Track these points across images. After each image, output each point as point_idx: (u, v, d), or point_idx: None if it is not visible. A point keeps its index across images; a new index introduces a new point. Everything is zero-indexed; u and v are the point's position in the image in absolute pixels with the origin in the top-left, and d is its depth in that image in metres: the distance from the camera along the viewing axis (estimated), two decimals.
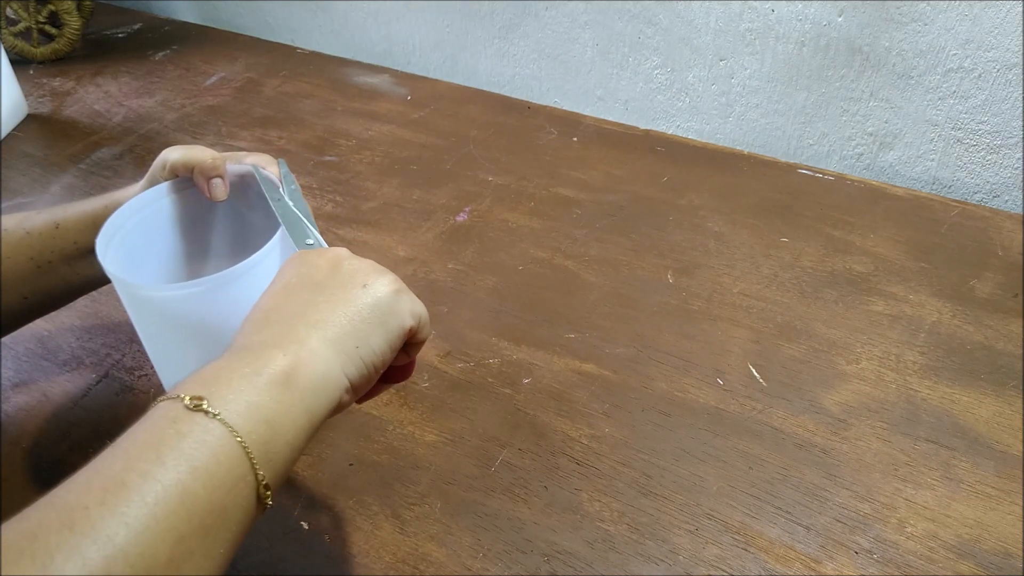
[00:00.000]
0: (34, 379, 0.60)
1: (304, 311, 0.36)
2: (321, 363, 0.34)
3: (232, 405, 0.31)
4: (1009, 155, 0.78)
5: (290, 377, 0.33)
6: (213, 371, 0.33)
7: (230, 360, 0.33)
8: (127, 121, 0.96)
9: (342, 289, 0.37)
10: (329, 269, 0.38)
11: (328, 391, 0.34)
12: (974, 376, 0.58)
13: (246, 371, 0.32)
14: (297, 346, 0.34)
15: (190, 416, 0.30)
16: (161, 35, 1.19)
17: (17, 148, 0.91)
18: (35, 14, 1.08)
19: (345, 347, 0.35)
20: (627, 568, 0.46)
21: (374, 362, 0.36)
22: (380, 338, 0.37)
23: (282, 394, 0.32)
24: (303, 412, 0.33)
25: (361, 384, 0.36)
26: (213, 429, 0.30)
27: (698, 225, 0.74)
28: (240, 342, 0.35)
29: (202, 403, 0.30)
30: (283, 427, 0.32)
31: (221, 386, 0.31)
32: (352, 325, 0.36)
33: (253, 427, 0.31)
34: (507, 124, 0.92)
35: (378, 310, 0.37)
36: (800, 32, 0.82)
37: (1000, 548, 0.46)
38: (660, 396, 0.57)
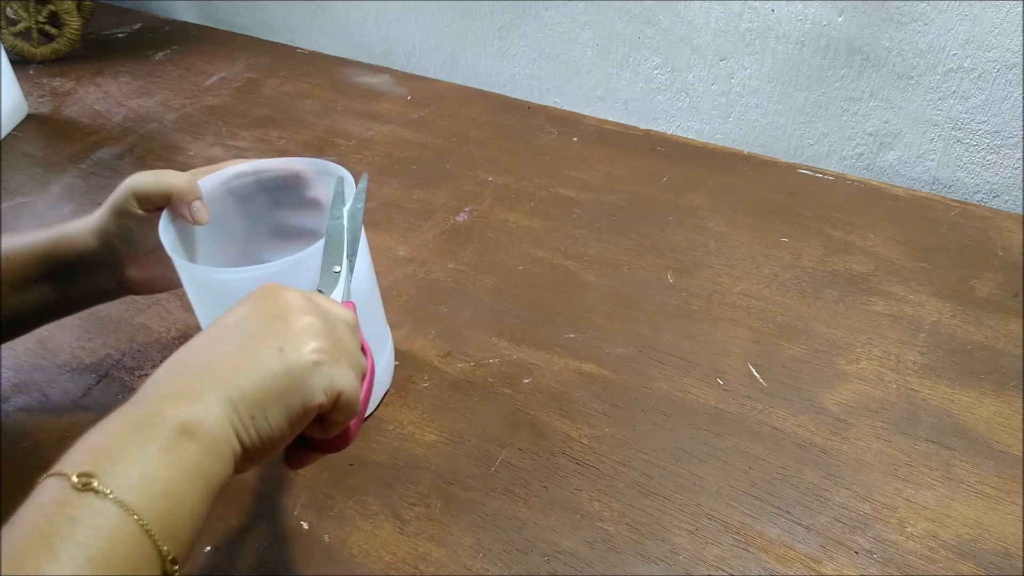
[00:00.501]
0: (34, 379, 0.60)
1: (215, 363, 0.34)
2: (213, 423, 0.32)
3: (124, 480, 0.28)
4: (1009, 155, 0.78)
5: (182, 440, 0.31)
6: (102, 439, 0.30)
7: (121, 422, 0.31)
8: (127, 121, 0.96)
9: (260, 348, 0.34)
10: (267, 317, 0.36)
11: (223, 453, 0.32)
12: (974, 376, 0.58)
13: (137, 438, 0.30)
14: (192, 403, 0.32)
15: (79, 498, 0.27)
16: (161, 35, 1.19)
17: (17, 148, 0.91)
18: (35, 14, 1.08)
19: (240, 413, 0.33)
20: (627, 568, 0.46)
21: (270, 436, 0.33)
22: (278, 412, 0.33)
23: (177, 459, 0.30)
24: (200, 476, 0.31)
25: (254, 455, 0.34)
26: (107, 511, 0.27)
27: (698, 225, 0.74)
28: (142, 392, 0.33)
29: (91, 481, 0.28)
30: (181, 496, 0.30)
31: (112, 458, 0.29)
32: (252, 392, 0.33)
33: (150, 502, 0.28)
34: (507, 124, 0.92)
35: (282, 381, 0.34)
36: (800, 32, 0.82)
37: (1000, 548, 0.46)
38: (660, 396, 0.57)
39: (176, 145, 0.91)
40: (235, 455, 0.33)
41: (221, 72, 1.07)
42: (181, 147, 0.90)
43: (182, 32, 1.20)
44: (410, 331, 0.63)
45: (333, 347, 0.36)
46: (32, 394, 0.58)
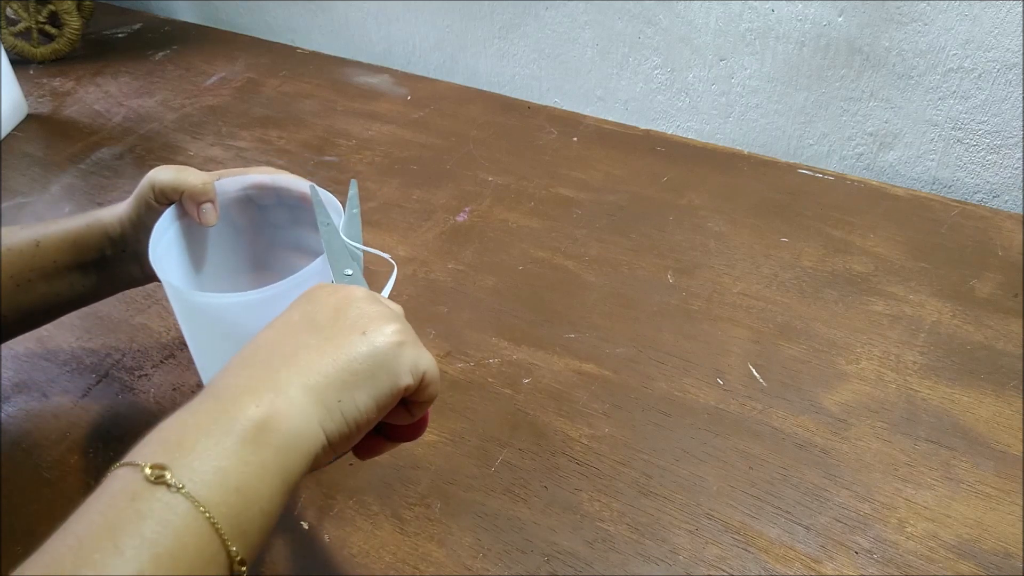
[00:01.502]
0: (34, 379, 0.60)
1: (292, 353, 0.33)
2: (298, 415, 0.31)
3: (198, 474, 0.28)
4: (1009, 155, 0.78)
5: (262, 433, 0.30)
6: (177, 429, 0.30)
7: (198, 413, 0.30)
8: (127, 121, 0.96)
9: (339, 334, 0.34)
10: (334, 310, 0.35)
11: (304, 448, 0.31)
12: (974, 376, 0.58)
13: (214, 429, 0.29)
14: (273, 394, 0.31)
15: (151, 491, 0.27)
16: (161, 35, 1.19)
17: (17, 148, 0.91)
18: (35, 14, 1.08)
19: (326, 399, 0.32)
20: (627, 568, 0.46)
21: (357, 420, 0.33)
22: (366, 394, 0.33)
23: (254, 454, 0.29)
24: (277, 473, 0.30)
25: (340, 443, 0.33)
26: (177, 506, 0.27)
27: (698, 225, 0.74)
28: (218, 383, 0.32)
29: (164, 474, 0.27)
30: (256, 493, 0.29)
31: (185, 451, 0.28)
32: (338, 375, 0.32)
33: (223, 497, 0.28)
34: (507, 124, 0.92)
35: (371, 362, 0.33)
36: (800, 32, 0.82)
37: (1000, 548, 0.46)
38: (660, 396, 0.57)
39: (176, 145, 0.91)
40: (319, 447, 0.32)
41: (221, 72, 1.07)
42: (181, 147, 0.90)
43: (182, 32, 1.20)
44: None
45: (409, 329, 0.36)
46: (32, 394, 0.58)
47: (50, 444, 0.54)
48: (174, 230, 0.50)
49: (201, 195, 0.49)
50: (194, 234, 0.51)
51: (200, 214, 0.49)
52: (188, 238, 0.51)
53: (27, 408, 0.57)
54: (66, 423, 0.56)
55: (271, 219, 0.54)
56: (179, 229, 0.50)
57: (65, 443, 0.54)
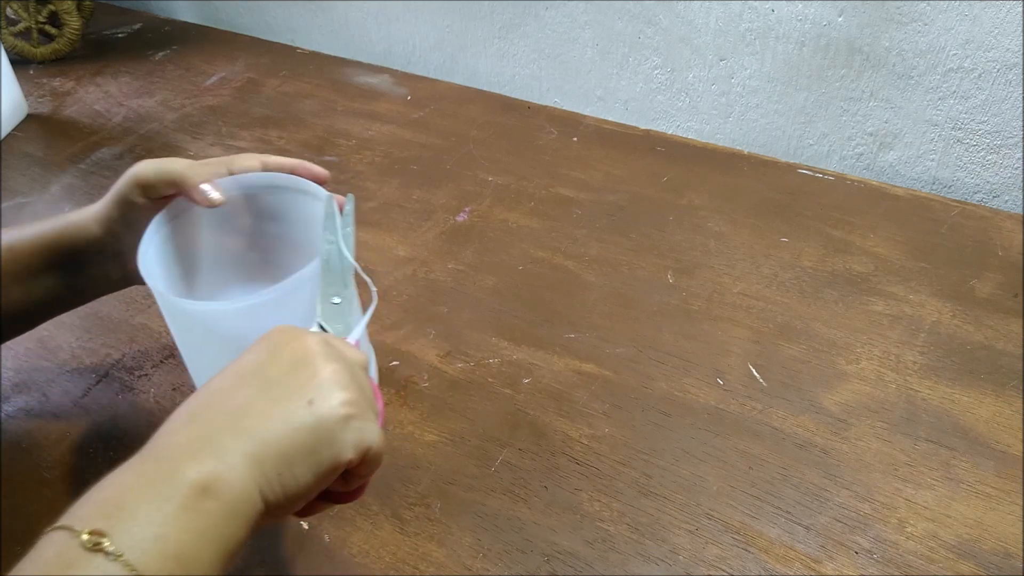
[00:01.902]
0: (34, 379, 0.60)
1: (236, 415, 0.32)
2: (238, 481, 0.30)
3: (137, 541, 0.27)
4: (1009, 155, 0.78)
5: (202, 499, 0.29)
6: (116, 492, 0.29)
7: (138, 475, 0.30)
8: (127, 121, 0.96)
9: (286, 398, 0.33)
10: (288, 366, 0.34)
11: (243, 514, 0.31)
12: (974, 376, 0.58)
13: (153, 495, 0.29)
14: (215, 460, 0.30)
15: (88, 559, 0.26)
16: (161, 35, 1.19)
17: (17, 148, 0.91)
18: (35, 14, 1.08)
19: (266, 469, 0.31)
20: (627, 568, 0.46)
21: (296, 492, 0.32)
22: (306, 469, 0.32)
23: (193, 521, 0.29)
24: (216, 539, 0.30)
25: (279, 511, 0.33)
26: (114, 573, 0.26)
27: (698, 225, 0.74)
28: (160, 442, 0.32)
29: (102, 541, 0.27)
30: (195, 560, 0.29)
31: (125, 516, 0.28)
32: (279, 446, 0.32)
33: (161, 565, 0.27)
34: (507, 124, 0.92)
35: (313, 436, 0.33)
36: (800, 32, 0.82)
37: (1000, 548, 0.46)
38: (660, 396, 0.57)
39: (176, 145, 0.91)
40: (257, 513, 0.31)
41: (221, 72, 1.07)
42: (181, 147, 0.90)
43: (182, 32, 1.20)
44: (410, 331, 0.63)
45: (360, 398, 0.35)
46: (32, 394, 0.58)
47: (50, 444, 0.54)
48: (163, 234, 0.49)
49: (192, 178, 0.47)
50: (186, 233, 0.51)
51: (203, 195, 0.47)
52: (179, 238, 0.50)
53: (27, 408, 0.57)
54: (66, 423, 0.56)
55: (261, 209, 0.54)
56: (169, 232, 0.49)
57: (65, 443, 0.54)
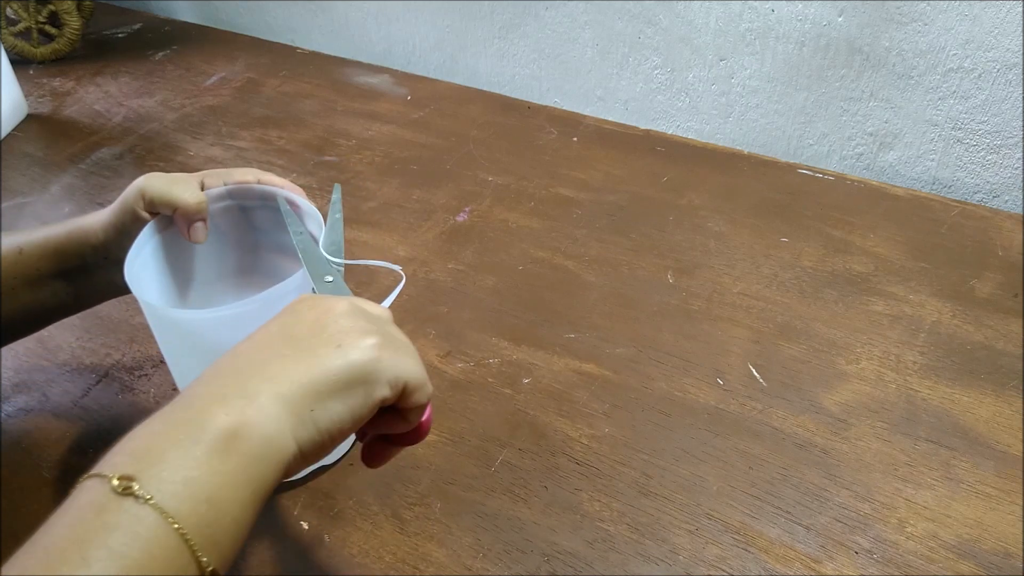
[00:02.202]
0: (34, 379, 0.60)
1: (266, 363, 0.33)
2: (269, 423, 0.31)
3: (167, 484, 0.27)
4: (1009, 155, 0.78)
5: (232, 441, 0.29)
6: (146, 438, 0.29)
7: (167, 421, 0.30)
8: (127, 121, 0.96)
9: (315, 347, 0.34)
10: (312, 323, 0.35)
11: (275, 457, 0.31)
12: (974, 376, 0.58)
13: (183, 438, 0.29)
14: (244, 402, 0.30)
15: (118, 503, 0.26)
16: (161, 35, 1.19)
17: (17, 148, 0.91)
18: (35, 14, 1.08)
19: (298, 408, 0.32)
20: (627, 568, 0.46)
21: (329, 430, 0.32)
22: (341, 405, 0.33)
23: (224, 463, 0.29)
24: (248, 483, 0.29)
25: (312, 452, 0.32)
26: (145, 517, 0.26)
27: (698, 225, 0.74)
28: (189, 392, 0.32)
29: (132, 485, 0.27)
30: (226, 503, 0.28)
31: (154, 460, 0.28)
32: (311, 385, 0.32)
33: (192, 508, 0.27)
34: (507, 124, 0.92)
35: (345, 375, 0.33)
36: (800, 32, 0.82)
37: (1000, 548, 0.46)
38: (660, 396, 0.57)
39: (176, 145, 0.91)
40: (290, 456, 0.31)
41: (221, 72, 1.07)
42: (181, 147, 0.90)
43: (182, 32, 1.20)
44: (410, 331, 0.63)
45: (388, 341, 0.35)
46: (32, 394, 0.58)
47: (50, 444, 0.54)
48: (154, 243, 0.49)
49: (195, 214, 0.48)
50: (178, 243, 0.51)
51: (191, 232, 0.48)
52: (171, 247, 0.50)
53: (27, 408, 0.57)
54: (66, 423, 0.56)
55: (255, 222, 0.54)
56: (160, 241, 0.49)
57: (65, 443, 0.54)
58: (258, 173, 0.52)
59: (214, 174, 0.51)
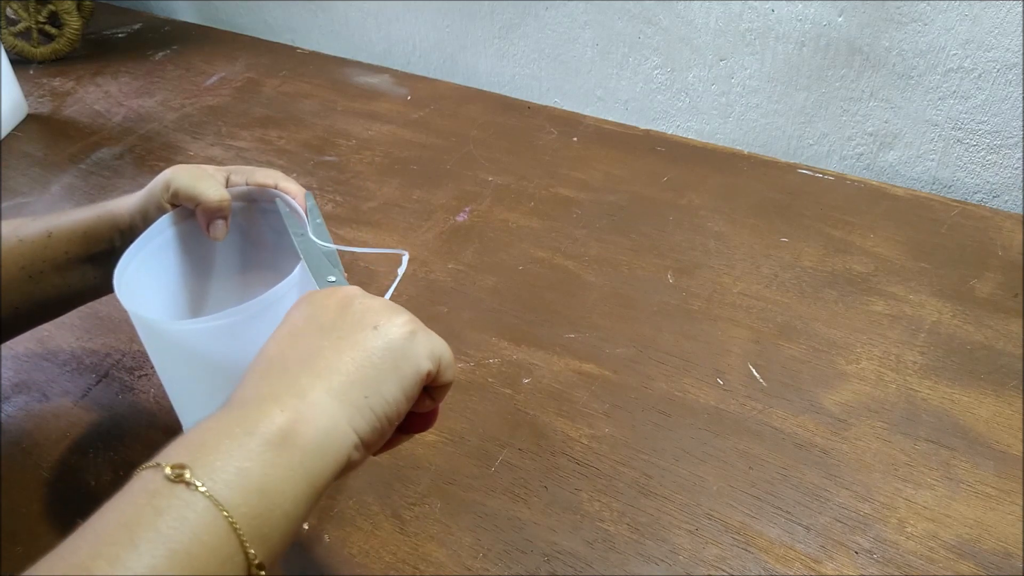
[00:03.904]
0: (34, 379, 0.60)
1: (308, 359, 0.33)
2: (325, 418, 0.31)
3: (219, 473, 0.27)
4: (1009, 155, 0.78)
5: (289, 436, 0.29)
6: (201, 433, 0.29)
7: (221, 419, 0.30)
8: (127, 121, 0.96)
9: (351, 332, 0.34)
10: (338, 310, 0.35)
11: (334, 450, 0.31)
12: (974, 376, 0.58)
13: (237, 431, 0.29)
14: (297, 400, 0.31)
15: (170, 489, 0.27)
16: (161, 35, 1.19)
17: (17, 148, 0.91)
18: (35, 14, 1.08)
19: (353, 398, 0.32)
20: (627, 568, 0.46)
21: (387, 413, 0.33)
22: (393, 385, 0.33)
23: (279, 456, 0.29)
24: (303, 477, 0.29)
25: (373, 439, 0.33)
26: (195, 504, 0.26)
27: (698, 225, 0.74)
28: (236, 396, 0.32)
29: (184, 473, 0.27)
30: (280, 496, 0.28)
31: (208, 451, 0.28)
32: (361, 372, 0.32)
33: (243, 498, 0.27)
34: (507, 124, 0.92)
35: (390, 354, 0.33)
36: (800, 32, 0.82)
37: (1000, 548, 0.46)
38: (660, 396, 0.57)
39: (176, 145, 0.91)
40: (350, 446, 0.31)
41: (221, 72, 1.07)
42: (181, 147, 0.90)
43: (182, 32, 1.20)
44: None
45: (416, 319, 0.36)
46: (32, 394, 0.58)
47: (50, 444, 0.54)
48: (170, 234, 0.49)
49: (216, 211, 0.48)
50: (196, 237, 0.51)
51: (211, 229, 0.48)
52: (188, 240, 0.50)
53: (27, 408, 0.57)
54: (66, 423, 0.56)
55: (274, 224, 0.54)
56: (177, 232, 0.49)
57: (65, 443, 0.54)
58: (279, 177, 0.52)
59: (240, 171, 0.51)
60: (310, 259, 0.45)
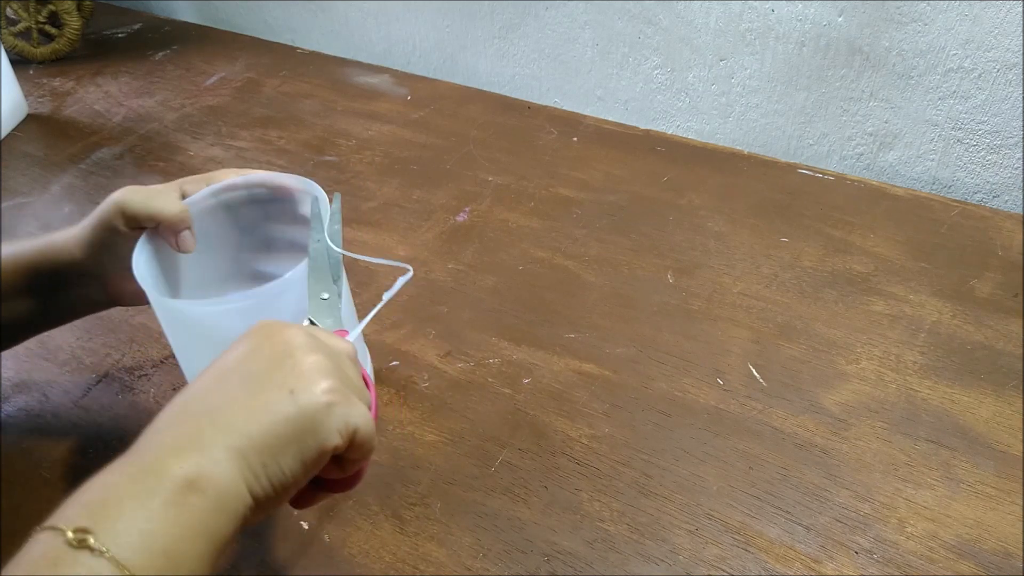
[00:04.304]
0: (34, 379, 0.60)
1: (219, 409, 0.32)
2: (223, 476, 0.30)
3: (123, 537, 0.27)
4: (1009, 155, 0.78)
5: (188, 494, 0.29)
6: (101, 491, 0.29)
7: (122, 474, 0.29)
8: (127, 121, 0.96)
9: (268, 390, 0.33)
10: (271, 359, 0.34)
11: (230, 508, 0.30)
12: (974, 376, 0.58)
13: (138, 491, 0.29)
14: (199, 455, 0.30)
15: (74, 556, 0.26)
16: (161, 35, 1.19)
17: (17, 148, 0.91)
18: (35, 14, 1.08)
19: (251, 463, 0.31)
20: (627, 568, 0.46)
21: (283, 483, 0.32)
22: (291, 458, 0.32)
23: (180, 516, 0.29)
24: (204, 534, 0.29)
25: (267, 504, 0.32)
26: (101, 570, 0.26)
27: (698, 225, 0.74)
28: (143, 442, 0.31)
29: (87, 538, 0.26)
30: (183, 556, 0.28)
31: (110, 512, 0.28)
32: (263, 439, 0.32)
33: (149, 561, 0.27)
34: (507, 124, 0.92)
35: (296, 425, 0.32)
36: (800, 32, 0.82)
37: (1000, 548, 0.46)
38: (660, 396, 0.57)
39: (176, 145, 0.91)
40: (245, 508, 0.31)
41: (221, 72, 1.07)
42: (181, 147, 0.90)
43: (182, 32, 1.20)
44: (410, 331, 0.63)
45: (343, 385, 0.35)
46: (32, 394, 0.58)
47: (50, 444, 0.54)
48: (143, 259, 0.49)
49: (178, 224, 0.47)
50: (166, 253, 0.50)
51: (179, 242, 0.48)
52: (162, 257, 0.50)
53: (27, 408, 0.57)
54: (66, 423, 0.56)
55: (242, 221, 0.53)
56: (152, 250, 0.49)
57: (65, 443, 0.54)
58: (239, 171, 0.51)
59: (194, 180, 0.51)
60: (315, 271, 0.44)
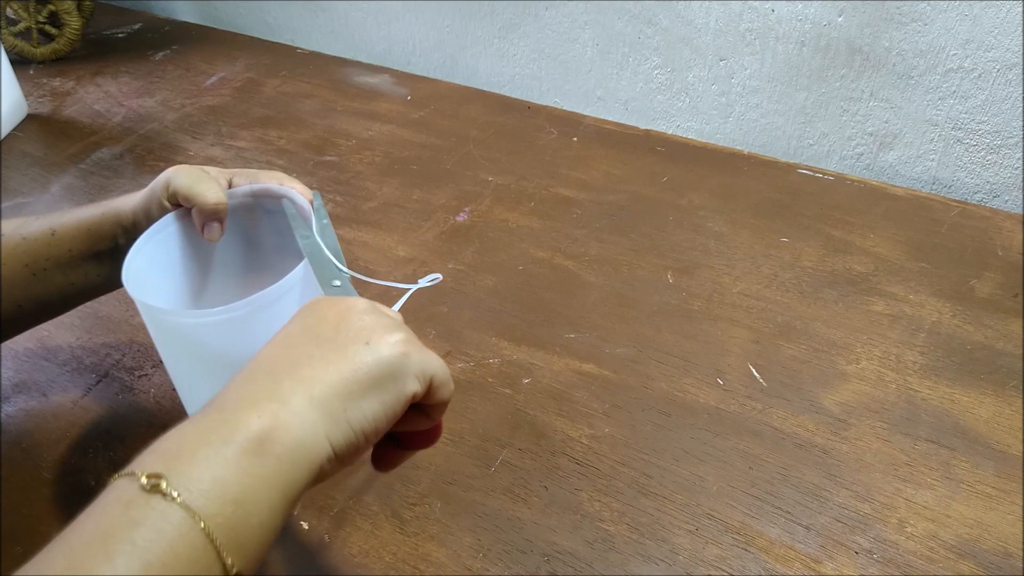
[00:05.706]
0: (34, 379, 0.60)
1: (295, 365, 0.33)
2: (302, 427, 0.30)
3: (195, 484, 0.27)
4: (1009, 155, 0.78)
5: (264, 444, 0.29)
6: (177, 440, 0.29)
7: (198, 425, 0.30)
8: (127, 121, 0.96)
9: (343, 345, 0.33)
10: (336, 322, 0.35)
11: (308, 460, 0.30)
12: (974, 376, 0.58)
13: (214, 439, 0.29)
14: (277, 405, 0.30)
15: (145, 499, 0.26)
16: (161, 35, 1.19)
17: (17, 148, 0.91)
18: (35, 14, 1.08)
19: (332, 409, 0.32)
20: (627, 568, 0.46)
21: (364, 429, 0.32)
22: (375, 402, 0.33)
23: (254, 466, 0.29)
24: (278, 486, 0.29)
25: (347, 452, 0.32)
26: (171, 515, 0.26)
27: (698, 225, 0.74)
28: (221, 397, 0.32)
29: (160, 483, 0.27)
30: (255, 505, 0.28)
31: (184, 460, 0.28)
32: (344, 385, 0.32)
33: (219, 508, 0.27)
34: (507, 124, 0.92)
35: (376, 371, 0.33)
36: (800, 32, 0.82)
37: (1000, 548, 0.46)
38: (660, 396, 0.57)
39: (176, 145, 0.91)
40: (324, 458, 0.31)
41: (221, 72, 1.07)
42: (181, 147, 0.90)
43: (182, 32, 1.20)
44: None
45: (412, 336, 0.36)
46: (32, 394, 0.58)
47: (50, 444, 0.54)
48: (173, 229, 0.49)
49: (212, 214, 0.48)
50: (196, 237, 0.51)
51: (205, 230, 0.48)
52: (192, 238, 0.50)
53: (27, 408, 0.57)
54: (66, 423, 0.56)
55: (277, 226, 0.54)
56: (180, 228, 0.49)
57: (65, 443, 0.54)
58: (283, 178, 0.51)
59: (244, 174, 0.51)
60: (315, 263, 0.44)
